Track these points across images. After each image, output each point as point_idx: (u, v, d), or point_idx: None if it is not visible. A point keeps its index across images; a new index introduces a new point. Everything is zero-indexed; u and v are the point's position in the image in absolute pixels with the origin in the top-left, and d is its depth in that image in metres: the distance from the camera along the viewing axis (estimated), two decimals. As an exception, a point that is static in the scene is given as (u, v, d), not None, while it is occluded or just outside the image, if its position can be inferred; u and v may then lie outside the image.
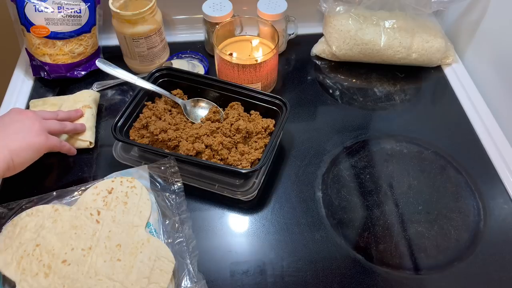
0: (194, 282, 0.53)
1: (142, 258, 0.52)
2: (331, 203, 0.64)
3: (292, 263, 0.58)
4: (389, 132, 0.74)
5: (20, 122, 0.59)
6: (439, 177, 0.68)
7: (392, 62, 0.83)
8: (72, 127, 0.66)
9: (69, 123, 0.67)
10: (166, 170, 0.61)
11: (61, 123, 0.65)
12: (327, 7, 0.82)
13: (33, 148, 0.58)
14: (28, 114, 0.61)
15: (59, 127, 0.64)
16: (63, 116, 0.67)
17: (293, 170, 0.68)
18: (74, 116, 0.69)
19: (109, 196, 0.57)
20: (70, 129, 0.66)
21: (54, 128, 0.63)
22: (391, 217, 0.63)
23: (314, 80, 0.83)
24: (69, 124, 0.66)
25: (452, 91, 0.81)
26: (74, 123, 0.68)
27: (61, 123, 0.64)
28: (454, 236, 0.61)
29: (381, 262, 0.58)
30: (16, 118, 0.59)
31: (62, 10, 0.75)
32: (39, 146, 0.59)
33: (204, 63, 0.83)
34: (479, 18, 0.81)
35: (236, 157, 0.63)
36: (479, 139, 0.73)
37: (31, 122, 0.59)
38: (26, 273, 0.51)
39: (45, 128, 0.61)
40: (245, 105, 0.69)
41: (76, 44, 0.77)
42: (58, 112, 0.67)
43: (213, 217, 0.63)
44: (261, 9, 0.79)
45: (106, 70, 0.70)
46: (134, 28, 0.74)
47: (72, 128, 0.66)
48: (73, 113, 0.69)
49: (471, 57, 0.85)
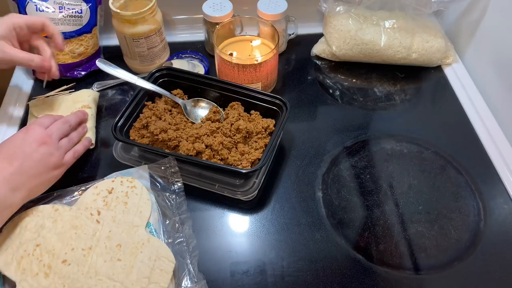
0: (194, 282, 0.53)
1: (142, 258, 0.52)
2: (331, 203, 0.64)
3: (292, 263, 0.58)
4: (389, 132, 0.74)
5: (35, 160, 0.56)
6: (439, 177, 0.68)
7: (392, 62, 0.83)
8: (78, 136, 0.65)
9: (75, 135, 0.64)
10: (166, 170, 0.61)
11: (70, 140, 0.62)
12: (327, 7, 0.82)
13: (51, 181, 0.59)
14: (45, 143, 0.58)
15: (70, 145, 0.62)
16: (75, 120, 0.65)
17: (293, 170, 0.68)
18: (82, 118, 0.67)
19: (109, 196, 0.57)
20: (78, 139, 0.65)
21: (67, 148, 0.62)
22: (391, 217, 0.63)
23: (314, 80, 0.83)
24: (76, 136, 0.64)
25: (452, 91, 0.81)
26: (78, 133, 0.65)
27: (69, 140, 0.62)
28: (454, 236, 0.61)
29: (381, 262, 0.58)
30: (31, 150, 0.56)
31: (63, 10, 0.75)
32: (56, 178, 0.60)
33: (204, 63, 0.83)
34: (479, 18, 0.81)
35: (236, 157, 0.63)
36: (479, 139, 0.73)
37: (46, 156, 0.57)
38: (26, 273, 0.51)
39: (61, 155, 0.60)
40: (245, 105, 0.69)
41: (76, 44, 0.77)
42: (69, 119, 0.64)
43: (213, 217, 0.63)
44: (261, 9, 0.79)
45: (106, 70, 0.70)
46: (134, 28, 0.74)
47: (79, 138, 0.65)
48: (81, 114, 0.67)
49: (471, 57, 0.85)
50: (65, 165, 0.61)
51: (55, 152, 0.59)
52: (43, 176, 0.57)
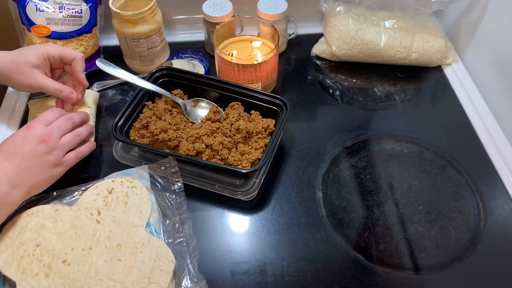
0: (194, 282, 0.53)
1: (142, 258, 0.52)
2: (331, 203, 0.64)
3: (292, 263, 0.58)
4: (389, 132, 0.74)
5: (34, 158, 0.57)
6: (439, 177, 0.68)
7: (392, 62, 0.83)
8: (86, 132, 0.65)
9: (84, 130, 0.65)
10: (166, 170, 0.61)
11: (76, 135, 0.63)
12: (327, 7, 0.82)
13: (51, 179, 0.59)
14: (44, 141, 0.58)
15: (75, 141, 0.63)
16: (79, 118, 0.65)
17: (293, 170, 0.68)
18: (86, 119, 0.67)
19: (110, 196, 0.57)
20: (86, 135, 0.66)
21: (71, 146, 0.62)
22: (391, 217, 0.63)
23: (314, 80, 0.83)
24: (84, 132, 0.65)
25: (452, 91, 0.81)
26: (86, 129, 0.66)
27: (75, 135, 0.63)
28: (454, 236, 0.61)
29: (381, 262, 0.58)
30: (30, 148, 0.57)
31: (63, 10, 0.75)
32: (57, 176, 0.60)
33: (204, 63, 0.83)
34: (479, 18, 0.81)
35: (237, 157, 0.63)
36: (479, 139, 0.73)
37: (45, 154, 0.58)
38: (27, 273, 0.51)
39: (60, 154, 0.60)
40: (245, 105, 0.69)
41: (76, 44, 0.77)
42: (73, 116, 0.64)
43: (213, 217, 0.63)
44: (261, 9, 0.79)
45: (107, 70, 0.70)
46: (134, 28, 0.74)
47: (87, 134, 0.66)
48: (84, 114, 0.67)
49: (471, 57, 0.85)
50: (65, 163, 0.61)
51: (55, 151, 0.59)
52: (43, 174, 0.57)
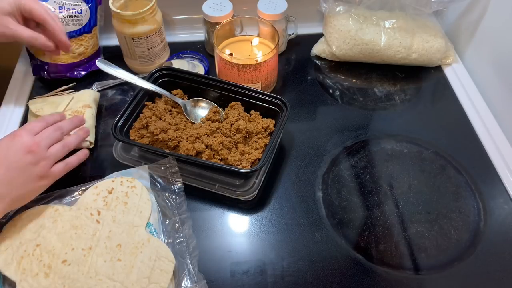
0: (194, 282, 0.53)
1: (142, 258, 0.52)
2: (331, 203, 0.64)
3: (292, 263, 0.58)
4: (389, 132, 0.74)
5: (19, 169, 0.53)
6: (439, 177, 0.68)
7: (392, 62, 0.83)
8: (76, 142, 0.61)
9: (73, 140, 0.61)
10: (166, 170, 0.61)
11: (64, 145, 0.59)
12: (327, 7, 0.82)
13: (36, 192, 0.56)
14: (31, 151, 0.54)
15: (63, 151, 0.59)
16: (69, 127, 0.61)
17: (293, 170, 0.68)
18: (78, 125, 0.64)
19: (109, 196, 0.57)
20: (75, 145, 0.62)
21: (58, 157, 0.58)
22: (391, 217, 0.63)
23: (314, 80, 0.83)
24: (73, 142, 0.61)
25: (452, 91, 0.81)
26: (76, 138, 0.62)
27: (63, 146, 0.58)
28: (454, 236, 0.61)
29: (381, 262, 0.58)
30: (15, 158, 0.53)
31: (63, 10, 0.75)
32: (42, 189, 0.57)
33: (204, 63, 0.83)
34: (479, 18, 0.81)
35: (236, 157, 0.63)
36: (479, 139, 0.73)
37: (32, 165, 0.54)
38: (27, 273, 0.51)
39: (48, 165, 0.56)
40: (245, 105, 0.69)
41: (76, 44, 0.77)
42: (63, 126, 0.60)
43: (213, 217, 0.63)
44: (261, 9, 0.79)
45: (106, 70, 0.70)
46: (134, 28, 0.74)
47: (77, 143, 0.62)
48: (76, 121, 0.64)
49: (471, 57, 0.85)
50: (52, 175, 0.57)
51: (42, 162, 0.55)
52: (28, 186, 0.54)
